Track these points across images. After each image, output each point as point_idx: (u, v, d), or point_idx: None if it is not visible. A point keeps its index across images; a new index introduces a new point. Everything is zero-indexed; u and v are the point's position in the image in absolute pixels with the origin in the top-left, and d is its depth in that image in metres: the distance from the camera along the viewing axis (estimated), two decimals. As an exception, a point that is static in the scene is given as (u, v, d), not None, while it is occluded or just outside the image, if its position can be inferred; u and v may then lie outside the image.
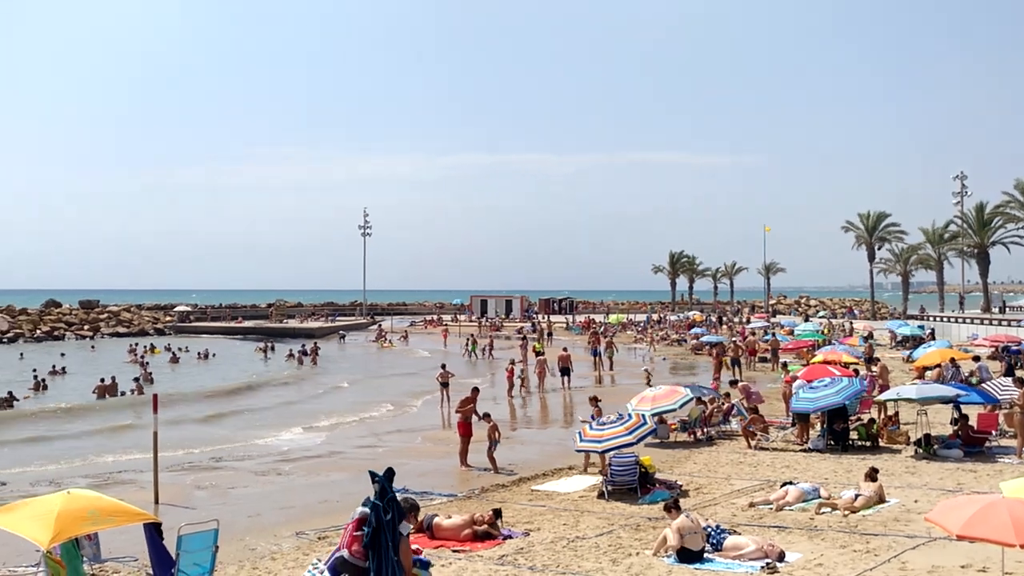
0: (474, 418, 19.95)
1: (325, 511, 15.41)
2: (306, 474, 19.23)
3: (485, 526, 12.94)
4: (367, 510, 7.49)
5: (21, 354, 54.48)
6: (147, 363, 44.98)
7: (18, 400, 30.93)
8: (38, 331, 73.20)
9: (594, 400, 20.98)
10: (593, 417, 18.97)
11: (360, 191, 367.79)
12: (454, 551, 12.23)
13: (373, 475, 7.65)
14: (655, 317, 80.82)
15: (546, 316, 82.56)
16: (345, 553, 7.27)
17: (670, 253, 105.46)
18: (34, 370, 39.56)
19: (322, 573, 8.39)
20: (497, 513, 13.32)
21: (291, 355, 50.71)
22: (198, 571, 9.98)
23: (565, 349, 38.32)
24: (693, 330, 60.43)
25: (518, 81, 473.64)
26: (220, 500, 16.59)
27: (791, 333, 50.34)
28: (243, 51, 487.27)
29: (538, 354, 38.55)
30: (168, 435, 20.60)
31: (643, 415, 19.22)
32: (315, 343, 54.50)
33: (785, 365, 33.44)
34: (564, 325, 73.54)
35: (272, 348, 55.34)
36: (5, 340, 68.55)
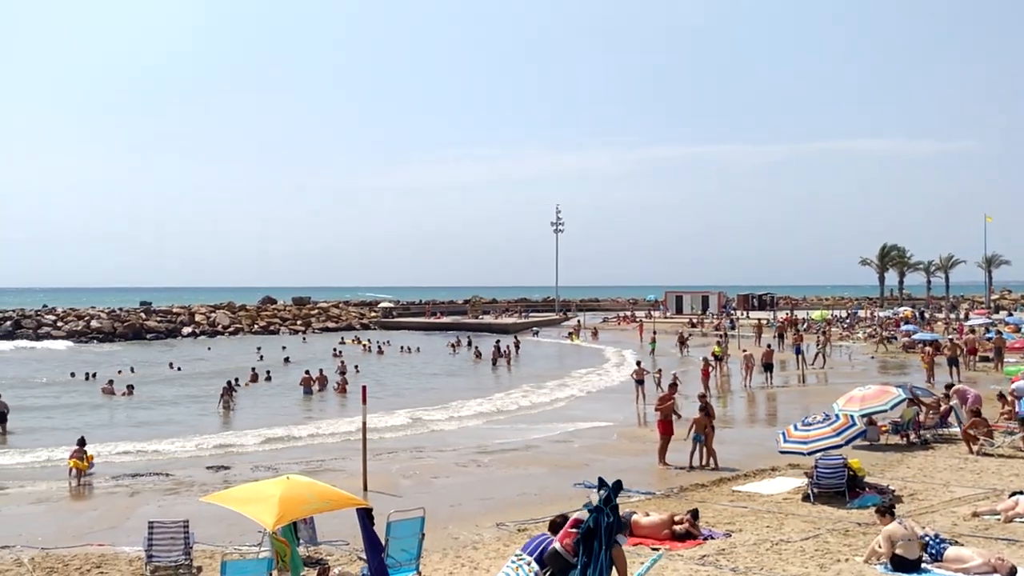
0: (673, 416, 19.70)
1: (524, 504, 15.65)
2: (504, 467, 19.60)
3: (685, 525, 12.72)
4: (585, 511, 7.54)
5: (259, 348, 58.92)
6: (340, 353, 47.50)
7: (237, 390, 33.24)
8: (256, 326, 78.86)
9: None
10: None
11: (553, 187, 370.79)
12: (653, 549, 12.08)
13: (602, 482, 7.64)
14: (862, 313, 76.88)
15: (744, 312, 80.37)
16: (557, 545, 7.36)
17: (882, 246, 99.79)
18: (260, 353, 42.49)
19: (529, 564, 8.49)
20: (695, 514, 13.06)
21: (477, 353, 51.97)
22: (406, 556, 10.39)
23: (769, 345, 37.21)
24: (904, 327, 57.02)
25: (710, 71, 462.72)
26: (424, 489, 17.18)
27: (1018, 330, 46.49)
28: (431, 50, 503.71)
29: (716, 358, 36.94)
30: (373, 424, 21.60)
31: (851, 416, 18.33)
32: (516, 338, 55.68)
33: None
34: (765, 322, 70.78)
35: (469, 344, 56.74)
36: (227, 334, 74.37)
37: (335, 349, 50.10)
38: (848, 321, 68.14)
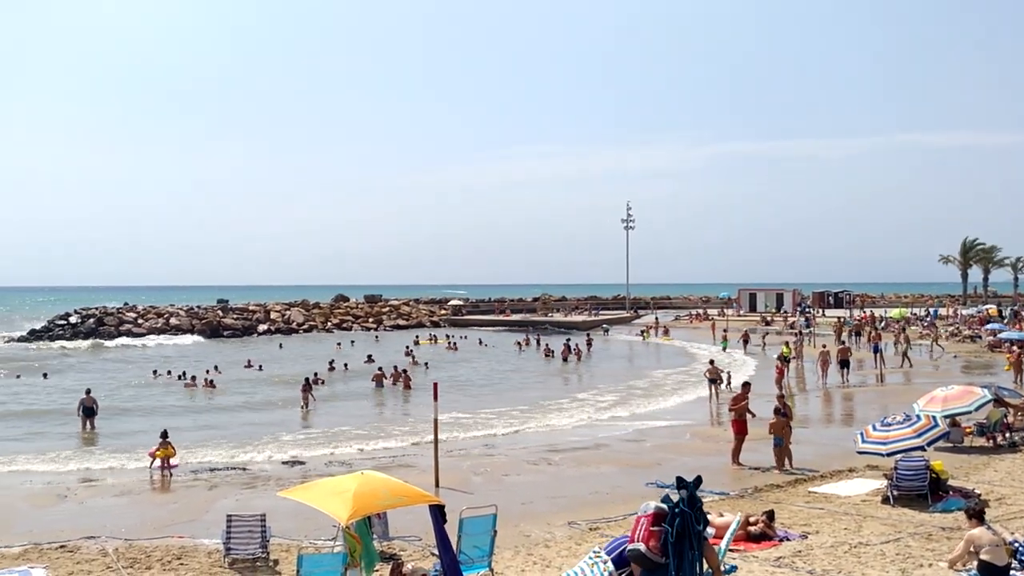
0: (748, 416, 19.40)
1: (595, 502, 15.56)
2: (575, 465, 19.52)
3: (760, 526, 12.50)
4: (664, 506, 7.42)
5: (349, 342, 60.13)
6: (412, 352, 48.32)
7: (318, 384, 33.80)
8: (329, 323, 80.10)
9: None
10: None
11: (624, 184, 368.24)
12: (728, 549, 11.90)
13: (682, 482, 7.53)
14: (943, 311, 74.69)
15: (820, 310, 78.75)
16: (642, 547, 7.27)
17: (963, 241, 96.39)
18: (339, 343, 43.33)
19: (605, 563, 8.42)
20: (770, 515, 12.83)
21: (547, 351, 51.91)
22: (478, 553, 10.41)
23: (844, 342, 36.40)
24: (989, 325, 55.16)
25: (783, 64, 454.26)
26: (495, 486, 17.22)
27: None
28: (499, 49, 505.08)
29: (784, 359, 35.85)
30: (444, 420, 21.72)
31: (933, 417, 17.74)
32: (588, 336, 55.51)
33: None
34: (841, 320, 68.98)
35: (538, 342, 56.68)
36: (301, 331, 75.71)
37: (407, 347, 50.65)
38: (928, 319, 66.19)
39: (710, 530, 12.46)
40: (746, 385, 20.62)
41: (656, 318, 77.11)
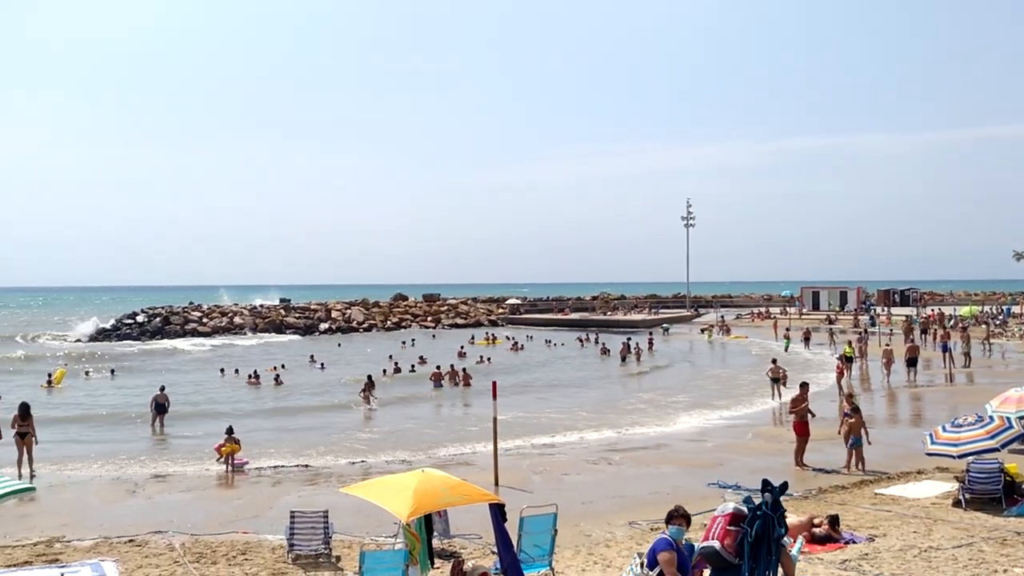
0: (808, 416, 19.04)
1: (656, 502, 15.39)
2: (635, 465, 19.37)
3: (824, 528, 12.25)
4: (743, 507, 7.31)
5: (410, 340, 60.73)
6: (464, 352, 48.62)
7: (374, 387, 34.08)
8: (388, 322, 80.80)
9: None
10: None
11: (683, 181, 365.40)
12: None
13: (767, 484, 7.41)
14: (1016, 309, 72.52)
15: (885, 308, 77.07)
16: (717, 544, 7.18)
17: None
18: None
19: (641, 567, 8.33)
20: (834, 520, 12.55)
21: (604, 349, 51.70)
22: (539, 552, 10.38)
23: (912, 339, 35.56)
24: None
25: (848, 58, 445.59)
26: (555, 485, 17.16)
27: None
28: (556, 48, 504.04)
29: (847, 359, 35.19)
30: (505, 419, 21.74)
31: (1007, 418, 17.15)
32: (650, 334, 55.11)
33: None
34: (910, 319, 67.30)
35: (596, 340, 56.36)
36: (361, 330, 76.48)
37: (461, 347, 50.93)
38: (1001, 318, 64.32)
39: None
40: (804, 385, 20.19)
41: (722, 316, 76.20)
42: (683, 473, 18.25)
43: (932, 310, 74.00)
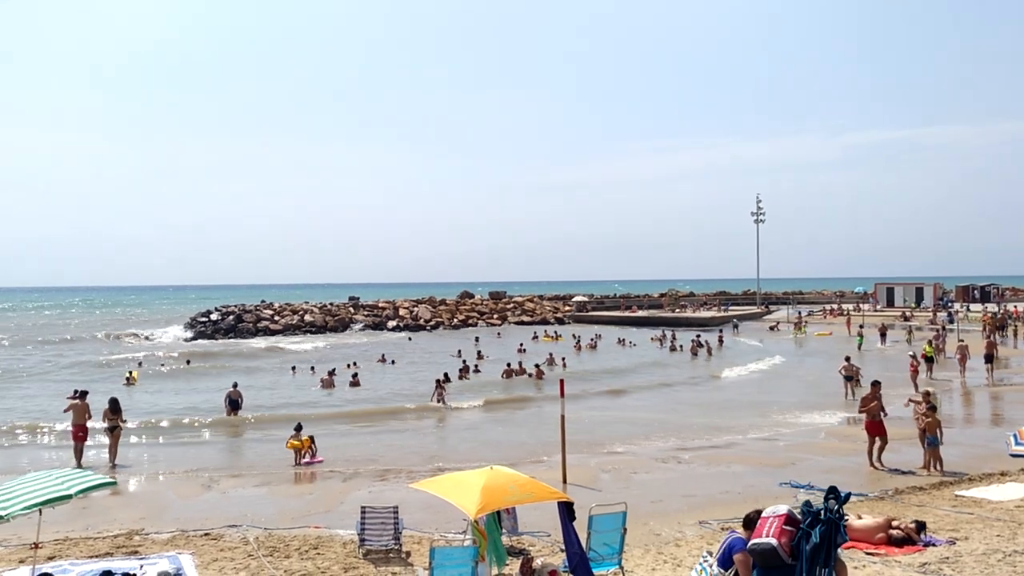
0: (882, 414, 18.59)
1: (727, 501, 15.21)
2: (706, 464, 19.13)
3: (901, 531, 11.93)
4: (795, 511, 7.19)
5: (476, 338, 61.48)
6: (524, 349, 48.62)
7: (449, 381, 34.31)
8: (455, 319, 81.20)
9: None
10: None
11: (753, 176, 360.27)
12: (867, 553, 11.44)
13: (833, 490, 7.26)
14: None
15: (964, 305, 74.82)
16: (775, 542, 7.04)
17: None
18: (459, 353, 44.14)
19: (711, 566, 8.20)
20: (920, 525, 12.21)
21: (672, 347, 51.22)
22: (608, 551, 10.31)
23: (990, 336, 34.47)
24: None
25: (926, 46, 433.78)
26: (623, 484, 17.05)
27: None
28: (613, 50, 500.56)
29: (927, 359, 34.33)
30: (570, 416, 21.63)
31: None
32: (720, 332, 54.45)
33: None
34: (992, 316, 64.77)
35: (674, 337, 55.69)
36: (428, 328, 76.98)
37: (520, 345, 51.24)
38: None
39: (856, 528, 12.02)
40: (875, 384, 19.64)
41: (799, 313, 74.87)
42: (754, 472, 17.96)
43: (1015, 307, 71.62)
